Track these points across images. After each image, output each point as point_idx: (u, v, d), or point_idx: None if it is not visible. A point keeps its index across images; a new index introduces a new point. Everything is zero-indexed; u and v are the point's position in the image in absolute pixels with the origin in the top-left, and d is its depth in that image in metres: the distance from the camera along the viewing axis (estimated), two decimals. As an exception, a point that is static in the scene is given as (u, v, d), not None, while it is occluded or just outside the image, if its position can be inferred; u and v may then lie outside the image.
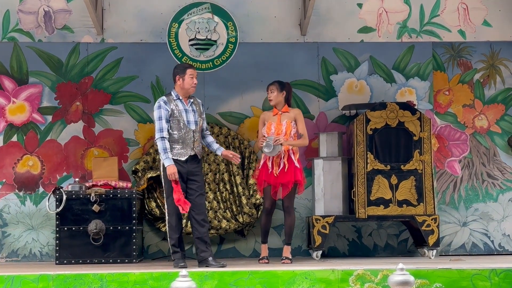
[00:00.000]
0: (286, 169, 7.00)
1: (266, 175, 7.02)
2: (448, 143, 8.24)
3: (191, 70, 6.70)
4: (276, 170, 7.00)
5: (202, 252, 6.58)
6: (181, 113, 6.60)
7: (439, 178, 8.18)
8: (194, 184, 6.60)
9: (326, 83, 8.20)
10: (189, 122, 6.61)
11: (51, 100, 8.05)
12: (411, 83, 8.23)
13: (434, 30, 8.27)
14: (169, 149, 6.53)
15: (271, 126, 7.09)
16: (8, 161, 7.96)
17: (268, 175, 7.02)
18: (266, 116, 7.21)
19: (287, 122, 7.07)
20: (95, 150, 8.03)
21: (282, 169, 7.00)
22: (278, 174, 6.99)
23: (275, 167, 7.01)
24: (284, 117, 7.11)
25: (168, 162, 6.49)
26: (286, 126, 7.05)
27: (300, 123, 7.11)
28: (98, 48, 8.07)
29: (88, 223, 7.26)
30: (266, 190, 7.04)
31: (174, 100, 6.64)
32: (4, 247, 7.89)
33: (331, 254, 7.99)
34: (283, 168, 7.00)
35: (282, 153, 7.00)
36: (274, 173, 7.00)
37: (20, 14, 8.07)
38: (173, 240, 6.54)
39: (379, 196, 7.48)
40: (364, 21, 8.25)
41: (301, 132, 7.11)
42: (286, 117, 7.11)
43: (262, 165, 7.07)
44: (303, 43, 8.20)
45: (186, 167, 6.56)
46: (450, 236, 8.14)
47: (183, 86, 6.66)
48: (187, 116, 6.61)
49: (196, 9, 8.19)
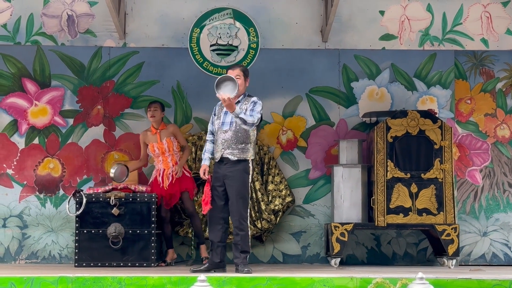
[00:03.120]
0: (174, 181, 7.49)
1: (157, 189, 7.51)
2: (469, 152, 8.20)
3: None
4: (166, 183, 7.47)
5: (235, 259, 6.53)
6: (221, 115, 6.54)
7: (459, 187, 8.14)
8: (230, 189, 6.46)
9: (347, 90, 8.19)
10: (224, 123, 6.50)
11: (73, 104, 8.11)
12: (433, 91, 8.20)
13: (457, 38, 8.24)
14: (206, 151, 6.57)
15: (154, 147, 7.54)
16: (30, 163, 8.03)
17: (159, 189, 7.54)
18: (146, 136, 7.62)
19: (167, 140, 7.49)
20: (116, 154, 8.08)
21: (170, 182, 7.48)
22: (167, 186, 7.49)
23: (165, 180, 7.49)
24: (163, 134, 7.53)
25: (203, 161, 6.55)
26: (167, 145, 7.48)
27: (179, 136, 7.61)
28: (120, 52, 8.12)
29: (108, 226, 7.29)
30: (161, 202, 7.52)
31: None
32: (24, 248, 7.95)
33: (350, 262, 7.97)
34: (171, 181, 7.49)
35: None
36: (164, 186, 7.47)
37: (44, 17, 8.15)
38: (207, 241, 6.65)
39: (398, 204, 7.45)
40: (386, 28, 8.24)
41: (183, 144, 7.61)
42: (164, 134, 7.53)
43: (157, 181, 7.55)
44: (324, 49, 8.20)
45: (221, 168, 6.47)
46: (470, 246, 8.09)
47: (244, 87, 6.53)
48: (224, 118, 6.52)
49: (218, 15, 8.22)
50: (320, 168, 8.11)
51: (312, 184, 8.10)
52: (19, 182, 8.02)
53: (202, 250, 7.54)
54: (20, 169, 8.02)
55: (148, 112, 7.62)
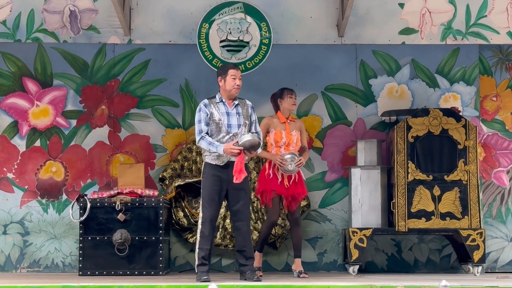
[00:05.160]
0: (297, 180, 7.10)
1: (275, 185, 7.06)
2: (495, 152, 8.16)
3: (234, 70, 6.67)
4: (287, 181, 7.07)
5: (241, 266, 6.56)
6: (222, 116, 6.59)
7: (485, 190, 8.10)
8: (238, 192, 6.52)
9: (365, 88, 8.17)
10: (231, 125, 6.58)
11: (76, 104, 8.12)
12: (456, 88, 8.17)
13: (481, 32, 8.20)
14: (214, 141, 6.50)
15: (282, 134, 7.14)
16: (31, 166, 8.04)
17: (279, 186, 7.06)
18: (272, 122, 7.23)
19: (296, 133, 7.19)
20: (121, 156, 8.08)
21: (293, 181, 7.09)
22: (290, 185, 7.07)
23: (285, 178, 7.07)
24: (292, 126, 7.22)
25: (220, 147, 6.46)
26: (296, 137, 7.17)
27: (304, 134, 7.30)
28: (125, 49, 8.13)
29: (113, 232, 7.29)
30: (275, 201, 7.07)
31: (216, 103, 6.64)
32: (26, 256, 7.96)
33: (369, 270, 7.95)
34: (294, 179, 7.09)
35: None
36: (284, 184, 7.04)
37: (45, 13, 8.17)
38: (203, 251, 6.50)
39: (420, 208, 7.43)
40: (406, 22, 8.21)
41: (305, 144, 7.30)
42: (293, 126, 7.22)
43: (273, 174, 7.10)
44: (341, 45, 8.18)
45: (227, 173, 6.52)
46: (496, 252, 8.05)
47: (225, 87, 6.66)
48: (228, 120, 6.59)
49: (228, 9, 8.21)
50: (336, 170, 8.09)
51: (328, 187, 8.08)
52: (20, 186, 8.03)
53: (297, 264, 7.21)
54: (21, 173, 8.04)
55: (290, 99, 7.22)
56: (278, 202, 7.09)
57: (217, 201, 6.54)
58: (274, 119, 7.23)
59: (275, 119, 7.24)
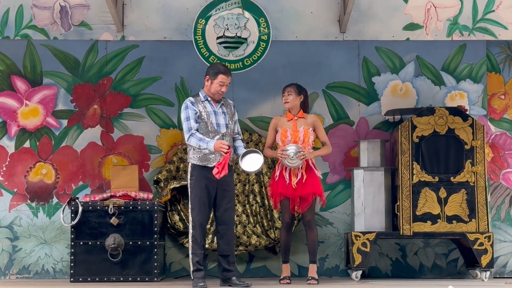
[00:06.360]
0: (305, 180, 6.98)
1: (283, 187, 6.99)
2: (504, 152, 8.15)
3: (224, 77, 6.64)
4: (294, 181, 6.96)
5: (225, 271, 6.59)
6: (210, 116, 6.60)
7: (493, 192, 8.09)
8: (224, 195, 6.59)
9: (368, 86, 8.14)
10: (219, 125, 6.62)
11: (67, 103, 8.10)
12: (462, 86, 8.15)
13: (489, 27, 8.18)
14: (204, 137, 6.47)
15: (287, 133, 7.06)
16: (20, 169, 8.02)
17: (285, 188, 6.98)
18: (279, 121, 7.16)
19: (305, 129, 7.04)
20: (114, 158, 8.06)
21: (300, 180, 6.97)
22: (296, 185, 6.95)
23: (292, 177, 6.97)
24: (300, 123, 7.08)
25: (211, 143, 6.43)
26: (303, 133, 7.02)
27: (320, 130, 7.15)
28: (118, 46, 8.11)
29: (106, 237, 7.28)
30: (284, 204, 7.00)
31: (202, 101, 6.65)
32: (15, 262, 7.95)
33: (372, 275, 7.94)
34: (301, 179, 6.97)
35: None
36: (292, 185, 6.96)
37: (34, 9, 8.14)
38: (197, 256, 6.51)
39: (426, 211, 7.42)
40: (410, 17, 8.19)
41: (323, 140, 7.14)
42: (302, 123, 7.08)
43: (279, 176, 7.02)
44: (343, 41, 8.16)
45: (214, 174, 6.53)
46: (505, 257, 8.04)
47: (209, 89, 6.69)
48: (216, 119, 6.63)
49: (225, 4, 8.20)
50: (338, 172, 8.08)
51: (330, 189, 8.06)
52: (8, 189, 8.02)
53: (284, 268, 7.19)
54: (9, 175, 8.03)
55: (282, 98, 7.17)
56: (288, 204, 7.02)
57: (207, 204, 6.57)
58: (282, 118, 7.19)
59: (283, 117, 7.19)
